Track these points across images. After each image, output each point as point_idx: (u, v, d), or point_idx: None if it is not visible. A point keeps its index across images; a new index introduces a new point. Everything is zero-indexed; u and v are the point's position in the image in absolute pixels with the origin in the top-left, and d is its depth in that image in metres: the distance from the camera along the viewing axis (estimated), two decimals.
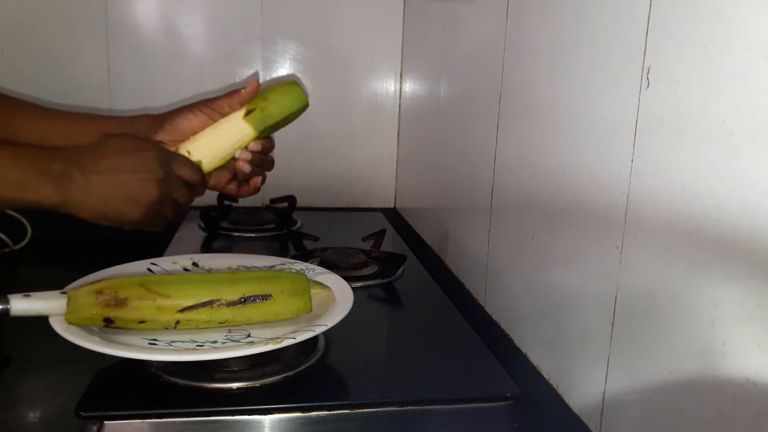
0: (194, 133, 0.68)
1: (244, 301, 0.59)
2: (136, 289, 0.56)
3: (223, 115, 0.69)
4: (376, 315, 0.77)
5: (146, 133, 0.68)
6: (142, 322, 0.56)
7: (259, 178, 0.72)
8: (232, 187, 0.71)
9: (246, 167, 0.69)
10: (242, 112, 0.68)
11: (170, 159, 0.63)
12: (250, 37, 1.24)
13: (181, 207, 0.64)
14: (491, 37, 0.77)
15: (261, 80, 1.26)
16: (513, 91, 0.71)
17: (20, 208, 0.56)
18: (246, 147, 0.69)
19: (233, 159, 0.70)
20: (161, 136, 0.68)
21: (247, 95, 0.69)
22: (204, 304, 0.57)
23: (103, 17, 1.18)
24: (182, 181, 0.63)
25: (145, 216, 0.60)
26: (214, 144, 0.67)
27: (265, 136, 0.71)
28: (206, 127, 0.68)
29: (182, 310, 0.57)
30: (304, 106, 0.72)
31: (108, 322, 0.55)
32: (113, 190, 0.57)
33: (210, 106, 0.68)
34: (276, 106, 0.70)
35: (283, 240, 1.08)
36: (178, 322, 0.57)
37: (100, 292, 0.55)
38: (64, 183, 0.55)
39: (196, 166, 0.65)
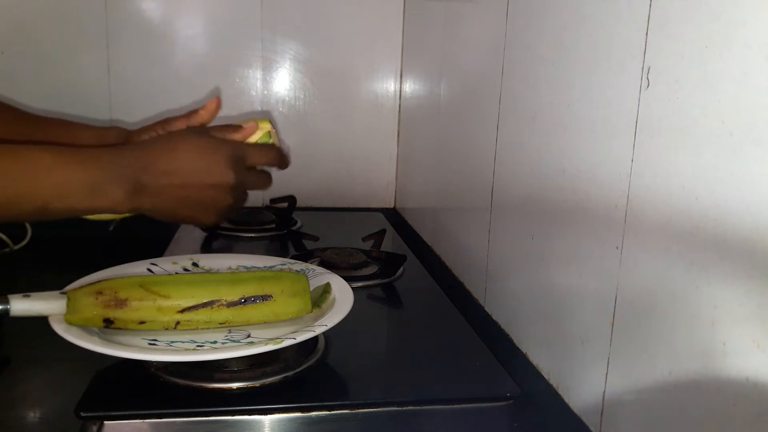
0: None
1: (244, 301, 0.59)
2: (135, 289, 0.56)
3: None
4: (376, 315, 0.77)
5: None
6: (142, 322, 0.56)
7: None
8: None
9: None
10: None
11: (243, 155, 0.60)
12: (250, 37, 1.24)
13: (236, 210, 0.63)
14: (491, 37, 0.77)
15: (261, 80, 1.26)
16: (513, 91, 0.71)
17: (87, 214, 0.53)
18: None
19: None
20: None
21: (206, 114, 0.67)
22: (204, 305, 0.57)
23: (103, 17, 1.18)
24: (256, 173, 0.61)
25: (218, 218, 0.59)
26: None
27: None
28: None
29: (182, 311, 0.57)
30: None
31: (108, 322, 0.55)
32: (186, 199, 0.55)
33: (170, 124, 0.67)
34: None
35: (283, 240, 1.08)
36: (178, 322, 0.57)
37: (99, 292, 0.55)
38: (133, 190, 0.53)
39: (268, 146, 0.63)
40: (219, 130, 0.65)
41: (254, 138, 0.67)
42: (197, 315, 0.57)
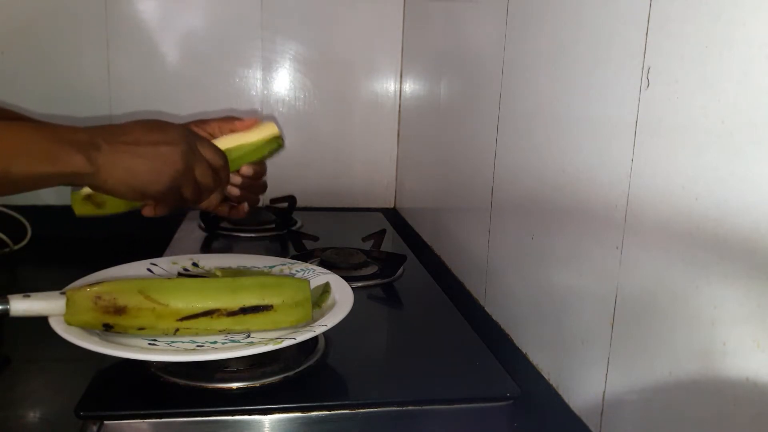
0: None
1: (244, 312, 0.58)
2: (134, 296, 0.55)
3: (214, 137, 0.69)
4: (376, 315, 0.77)
5: None
6: (141, 329, 0.56)
7: (246, 205, 0.72)
8: (223, 209, 0.71)
9: (235, 191, 0.70)
10: (241, 137, 0.68)
11: (195, 137, 0.62)
12: (250, 37, 1.24)
13: (203, 193, 0.63)
14: (491, 37, 0.77)
15: (260, 80, 1.26)
16: (513, 91, 0.71)
17: (51, 184, 0.54)
18: (238, 171, 0.69)
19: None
20: None
21: (241, 127, 0.69)
22: (204, 314, 0.57)
23: (103, 17, 1.18)
24: (206, 163, 0.62)
25: (168, 188, 0.59)
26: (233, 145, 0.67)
27: (256, 163, 0.71)
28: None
29: (181, 320, 0.56)
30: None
31: (107, 327, 0.55)
32: (139, 158, 0.57)
33: (202, 127, 0.68)
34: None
35: (283, 240, 1.08)
36: (177, 329, 0.57)
37: (98, 297, 0.55)
38: (92, 151, 0.54)
39: (219, 150, 0.64)
40: (219, 121, 0.67)
41: (259, 137, 0.68)
42: (196, 323, 0.57)
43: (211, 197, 0.69)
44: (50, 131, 0.54)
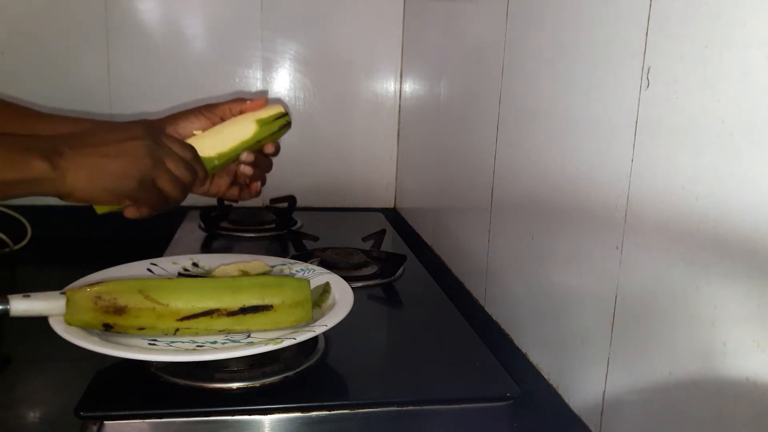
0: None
1: (244, 311, 0.58)
2: (134, 296, 0.55)
3: (224, 119, 0.69)
4: (376, 315, 0.77)
5: None
6: (141, 329, 0.56)
7: (259, 183, 0.72)
8: (234, 192, 0.70)
9: (248, 170, 0.69)
10: (252, 116, 0.69)
11: (158, 131, 0.62)
12: (250, 37, 1.24)
13: (183, 184, 0.62)
14: (491, 37, 0.77)
15: (260, 80, 1.26)
16: (513, 91, 0.71)
17: (18, 195, 0.53)
18: (252, 151, 0.69)
19: (235, 163, 0.69)
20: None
21: (251, 107, 0.69)
22: (204, 314, 0.57)
23: (103, 17, 1.18)
24: (176, 155, 0.61)
25: (139, 183, 0.58)
26: (220, 139, 0.68)
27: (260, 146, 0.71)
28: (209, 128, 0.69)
29: (181, 320, 0.56)
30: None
31: (107, 327, 0.55)
32: (103, 158, 0.56)
33: (212, 110, 0.69)
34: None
35: (283, 240, 1.08)
36: (177, 329, 0.57)
37: (98, 297, 0.55)
38: (54, 156, 0.54)
39: (186, 143, 0.64)
40: (229, 104, 0.68)
41: (266, 114, 0.68)
42: (197, 323, 0.57)
43: (219, 182, 0.68)
44: (11, 140, 0.54)
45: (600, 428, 0.51)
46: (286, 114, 0.71)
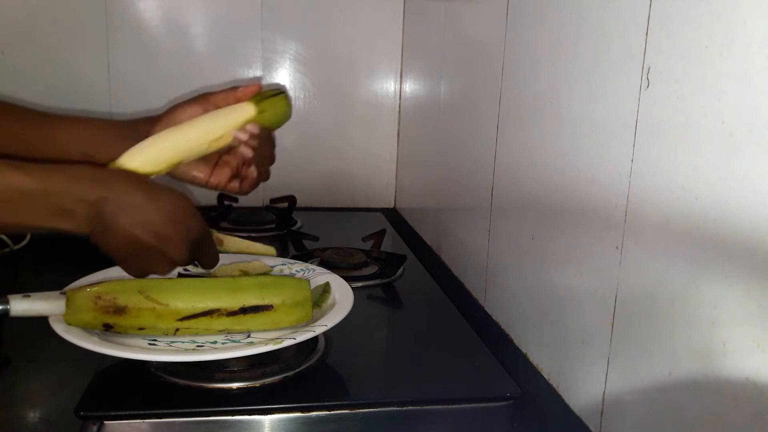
0: None
1: (244, 311, 0.58)
2: (134, 296, 0.55)
3: (219, 107, 0.69)
4: (376, 315, 0.77)
5: (146, 133, 0.68)
6: (141, 328, 0.56)
7: (255, 170, 0.70)
8: (234, 185, 0.70)
9: (248, 152, 0.67)
10: (247, 105, 0.69)
11: (203, 239, 0.58)
12: (250, 37, 1.24)
13: (177, 265, 0.59)
14: (491, 37, 0.77)
15: (261, 81, 1.26)
16: (513, 91, 0.71)
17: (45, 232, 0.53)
18: (243, 128, 0.68)
19: (233, 150, 0.69)
20: (159, 130, 0.68)
21: (246, 93, 0.70)
22: (204, 314, 0.57)
23: (103, 17, 1.18)
24: (208, 255, 0.60)
25: (151, 273, 0.57)
26: (210, 121, 0.67)
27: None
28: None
29: (181, 320, 0.56)
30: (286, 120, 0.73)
31: (107, 327, 0.55)
32: (133, 243, 0.54)
33: (207, 99, 0.69)
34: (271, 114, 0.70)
35: (283, 240, 1.08)
36: (177, 329, 0.57)
37: (98, 296, 0.55)
38: (94, 214, 0.54)
39: (212, 252, 0.61)
40: (224, 92, 0.69)
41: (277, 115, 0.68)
42: (196, 323, 0.57)
43: (220, 174, 0.68)
44: (59, 184, 0.50)
45: (600, 428, 0.51)
46: (284, 93, 0.70)
